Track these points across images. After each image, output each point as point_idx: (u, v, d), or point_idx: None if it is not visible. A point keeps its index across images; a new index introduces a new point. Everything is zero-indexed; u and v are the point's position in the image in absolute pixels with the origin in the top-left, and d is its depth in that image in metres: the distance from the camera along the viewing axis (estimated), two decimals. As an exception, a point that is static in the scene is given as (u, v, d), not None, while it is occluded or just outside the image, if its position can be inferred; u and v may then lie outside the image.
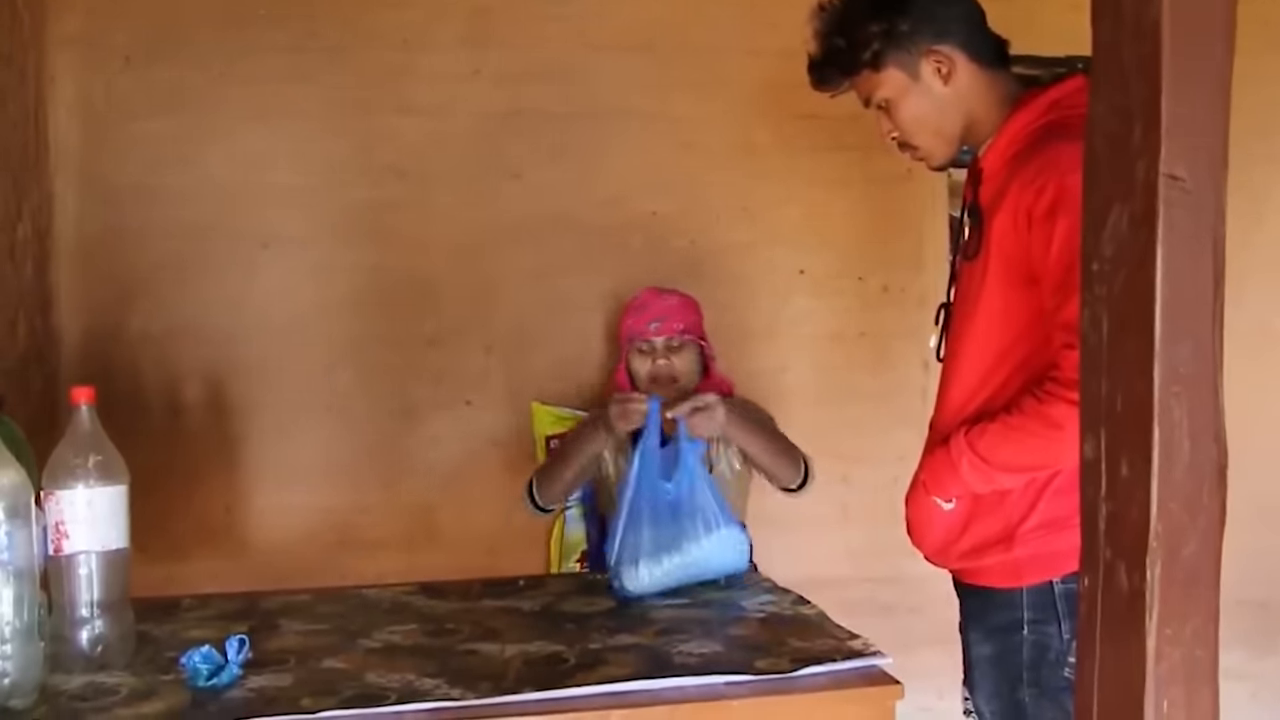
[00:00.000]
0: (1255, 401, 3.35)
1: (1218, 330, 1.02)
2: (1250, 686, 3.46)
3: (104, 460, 1.69)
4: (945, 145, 1.94)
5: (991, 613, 1.92)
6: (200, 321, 3.05)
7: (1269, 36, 3.29)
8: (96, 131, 3.00)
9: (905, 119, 1.93)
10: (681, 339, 2.63)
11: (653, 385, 2.60)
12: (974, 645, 1.98)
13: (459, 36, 3.13)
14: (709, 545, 2.05)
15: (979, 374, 1.89)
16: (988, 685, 1.95)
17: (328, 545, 3.08)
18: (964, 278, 1.93)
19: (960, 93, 1.90)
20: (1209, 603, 1.03)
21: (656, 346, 2.62)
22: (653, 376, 2.62)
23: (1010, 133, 1.87)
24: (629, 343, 2.67)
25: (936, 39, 1.89)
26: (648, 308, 2.67)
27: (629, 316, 2.70)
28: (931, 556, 2.00)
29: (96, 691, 1.59)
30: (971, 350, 1.90)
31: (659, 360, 2.61)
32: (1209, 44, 1.00)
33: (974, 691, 2.00)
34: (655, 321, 2.63)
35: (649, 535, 2.09)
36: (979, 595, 1.95)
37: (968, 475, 1.84)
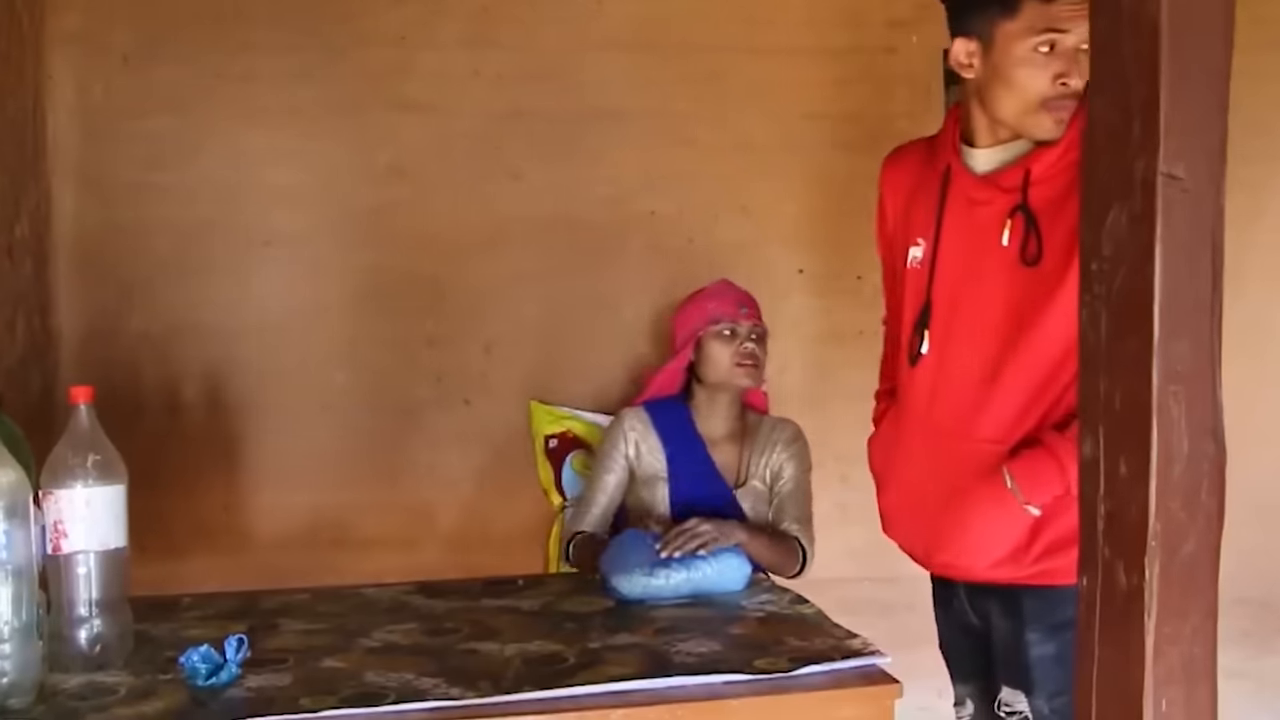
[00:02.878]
0: (1254, 400, 3.36)
1: (1216, 329, 1.02)
2: (1249, 685, 3.45)
3: (102, 459, 1.69)
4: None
5: (1054, 611, 1.85)
6: (199, 321, 3.05)
7: (1267, 34, 3.29)
8: (95, 130, 3.00)
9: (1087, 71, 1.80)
10: (762, 329, 2.58)
11: (736, 368, 2.52)
12: (1033, 646, 1.90)
13: (458, 36, 3.13)
14: (711, 568, 2.04)
15: (1040, 378, 1.83)
16: (1051, 684, 1.88)
17: (327, 544, 3.08)
18: (1006, 284, 1.85)
19: None
20: (1207, 601, 1.03)
21: (742, 331, 2.54)
22: (740, 359, 2.52)
23: (1072, 135, 1.79)
24: (709, 326, 2.54)
25: None
26: (730, 294, 2.60)
27: (708, 302, 2.59)
28: (987, 571, 1.91)
29: (95, 691, 1.59)
30: (1037, 356, 1.83)
31: (745, 344, 2.53)
32: (1208, 43, 1.00)
33: (1031, 692, 1.92)
34: (745, 307, 2.57)
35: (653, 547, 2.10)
36: (1039, 596, 1.88)
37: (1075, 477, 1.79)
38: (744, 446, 2.57)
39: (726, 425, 2.59)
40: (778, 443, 2.56)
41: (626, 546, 2.13)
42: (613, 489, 2.59)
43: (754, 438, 2.58)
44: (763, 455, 2.56)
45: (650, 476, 2.55)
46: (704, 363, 2.57)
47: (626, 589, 2.02)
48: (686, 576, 2.02)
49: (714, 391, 2.57)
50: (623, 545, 2.15)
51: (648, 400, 2.64)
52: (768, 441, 2.57)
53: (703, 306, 2.60)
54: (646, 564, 2.04)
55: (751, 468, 2.55)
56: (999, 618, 1.96)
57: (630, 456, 2.58)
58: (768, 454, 2.56)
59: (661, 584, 2.02)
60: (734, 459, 2.57)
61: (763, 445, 2.57)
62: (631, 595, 2.02)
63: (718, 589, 2.04)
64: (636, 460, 2.58)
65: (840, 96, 3.23)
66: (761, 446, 2.57)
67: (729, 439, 2.58)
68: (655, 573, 2.02)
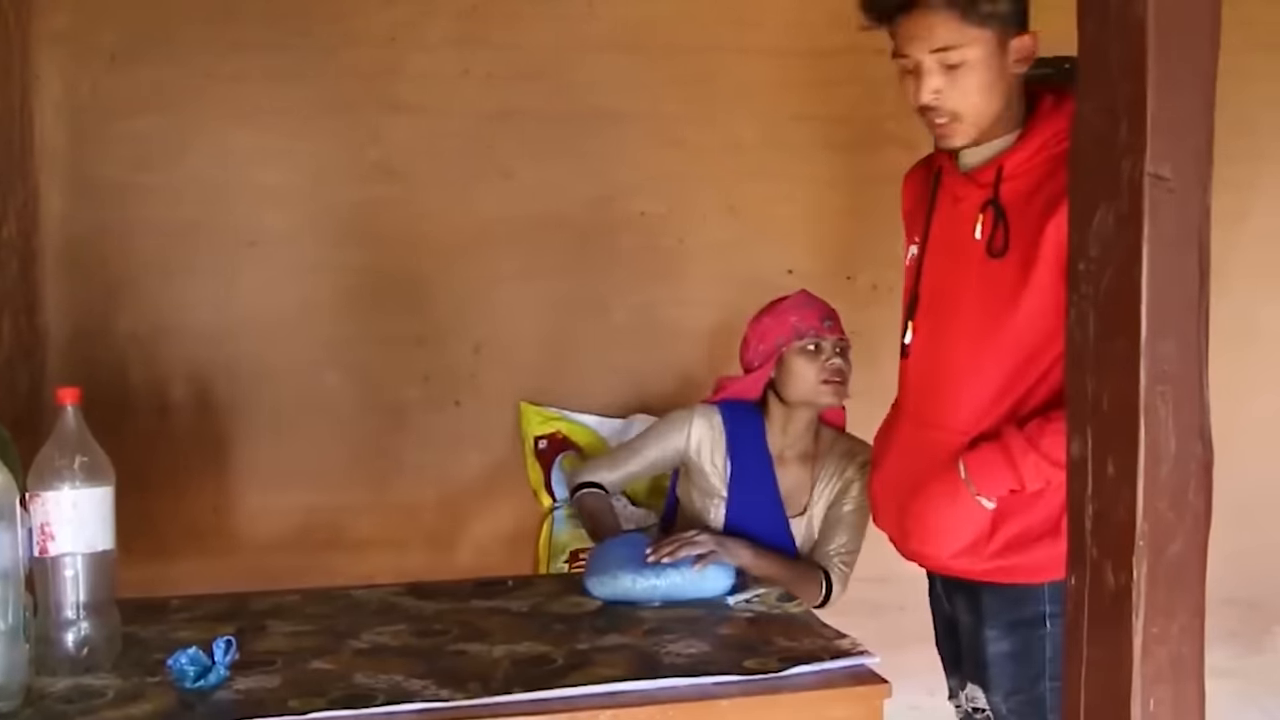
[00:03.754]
0: (1241, 399, 3.37)
1: (1203, 329, 1.03)
2: (1235, 684, 3.46)
3: (90, 461, 1.68)
4: (977, 127, 1.89)
5: (1012, 609, 1.91)
6: (187, 321, 3.04)
7: (1252, 35, 3.30)
8: (82, 129, 2.99)
9: (971, 89, 1.84)
10: (845, 343, 2.46)
11: (823, 385, 2.41)
12: (991, 643, 1.95)
13: (448, 36, 3.13)
14: (687, 575, 2.02)
15: (1008, 370, 1.87)
16: (1006, 682, 1.94)
17: (316, 545, 3.07)
18: (977, 275, 1.90)
19: (1017, 83, 1.90)
20: (1194, 601, 1.04)
21: (827, 347, 2.43)
22: (828, 376, 2.42)
23: (1044, 134, 1.86)
24: (793, 341, 2.42)
25: (1026, 26, 1.89)
26: (814, 306, 2.47)
27: (790, 314, 2.46)
28: (950, 561, 1.95)
29: (82, 694, 1.59)
30: (1003, 348, 1.87)
31: (831, 359, 2.42)
32: (1194, 44, 1.00)
33: (988, 689, 1.97)
34: (829, 320, 2.46)
35: (632, 548, 2.09)
36: (997, 593, 1.93)
37: (1027, 473, 1.83)
38: (814, 470, 2.49)
39: (800, 445, 2.49)
40: (848, 468, 2.47)
41: (613, 548, 2.13)
42: (650, 464, 2.53)
43: (825, 460, 2.49)
44: (831, 481, 2.47)
45: (710, 489, 2.48)
46: (786, 380, 2.45)
47: (598, 590, 2.02)
48: (656, 583, 2.00)
49: (793, 409, 2.47)
50: (610, 546, 2.14)
51: (724, 401, 2.53)
52: (838, 467, 2.48)
53: (784, 319, 2.46)
54: (624, 566, 2.03)
55: (815, 493, 2.47)
56: (963, 612, 2.01)
57: (689, 454, 2.50)
58: (836, 480, 2.47)
59: (629, 586, 2.00)
60: (799, 483, 2.48)
61: (832, 470, 2.48)
62: (602, 596, 2.01)
63: (695, 596, 2.01)
64: (698, 461, 2.49)
65: (829, 98, 3.23)
66: (831, 471, 2.48)
67: (799, 460, 2.49)
68: (626, 575, 2.00)
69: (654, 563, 2.03)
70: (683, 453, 2.50)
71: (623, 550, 2.10)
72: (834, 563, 2.41)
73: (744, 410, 2.51)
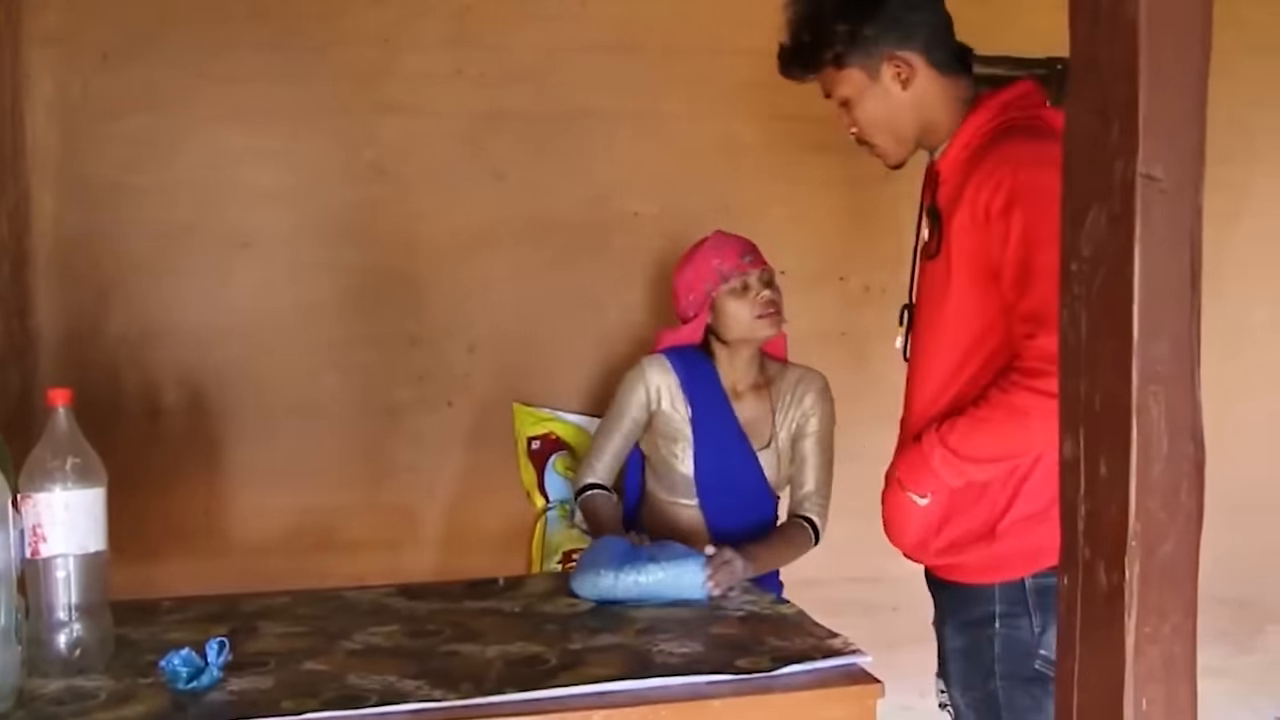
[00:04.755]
0: (1232, 399, 3.38)
1: (1195, 329, 1.03)
2: (1227, 683, 3.47)
3: (81, 462, 1.68)
4: (900, 146, 2.01)
5: (964, 608, 1.98)
6: (179, 322, 3.03)
7: (1244, 36, 3.31)
8: (74, 130, 2.98)
9: (863, 118, 2.00)
10: (771, 272, 2.52)
11: (759, 320, 2.48)
12: (948, 639, 2.03)
13: (441, 36, 3.13)
14: (663, 573, 2.02)
15: (946, 370, 1.95)
16: (961, 678, 2.01)
17: (308, 547, 3.07)
18: (926, 277, 2.01)
19: (918, 97, 1.97)
20: (1187, 600, 1.04)
21: (754, 281, 2.49)
22: (762, 309, 2.48)
23: (965, 136, 1.94)
24: (721, 284, 2.48)
25: (899, 44, 1.95)
26: (730, 245, 2.51)
27: (711, 258, 2.51)
28: (910, 552, 2.04)
29: (75, 695, 1.58)
30: (938, 347, 1.96)
31: (762, 292, 2.48)
32: (1186, 44, 1.00)
33: (949, 684, 2.05)
34: (748, 255, 2.50)
35: (618, 548, 2.10)
36: (952, 591, 2.00)
37: (940, 469, 1.89)
38: (771, 401, 2.56)
39: (749, 378, 2.57)
40: (804, 396, 2.56)
41: (597, 549, 2.14)
42: (627, 434, 2.57)
43: (778, 389, 2.57)
44: (788, 411, 2.56)
45: (674, 433, 2.54)
46: (722, 322, 2.51)
47: (581, 589, 2.04)
48: (638, 579, 2.01)
49: (736, 348, 2.54)
50: (594, 548, 2.16)
51: (669, 349, 2.58)
52: (794, 396, 2.56)
53: (707, 265, 2.51)
54: (605, 566, 2.04)
55: (777, 423, 2.55)
56: (935, 607, 2.10)
57: (652, 406, 2.55)
58: (794, 409, 2.56)
59: (611, 585, 2.01)
60: (759, 414, 2.55)
61: (788, 400, 2.56)
62: (585, 595, 2.03)
63: (672, 595, 2.01)
64: (658, 411, 2.55)
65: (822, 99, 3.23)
66: (787, 400, 2.56)
67: (753, 392, 2.57)
68: (608, 574, 2.02)
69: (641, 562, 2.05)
70: (646, 405, 2.55)
71: (605, 551, 2.11)
72: (812, 508, 2.53)
73: (690, 354, 2.57)
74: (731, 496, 2.56)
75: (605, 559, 2.06)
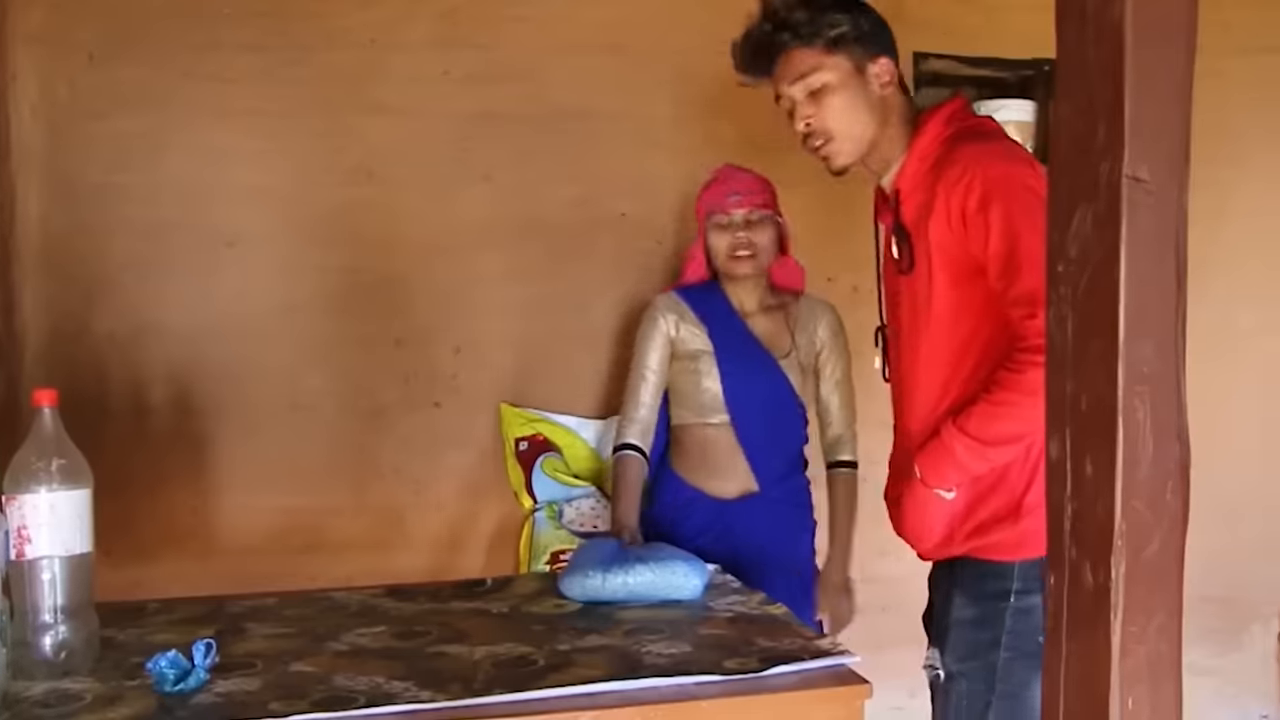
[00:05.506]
0: (1218, 400, 3.40)
1: (1180, 330, 1.03)
2: (1214, 682, 3.49)
3: (67, 463, 1.67)
4: (856, 147, 2.06)
5: (981, 582, 2.03)
6: (165, 322, 3.02)
7: (1228, 38, 3.33)
8: (60, 130, 2.97)
9: (836, 108, 2.03)
10: (760, 213, 2.64)
11: (731, 260, 2.63)
12: (956, 609, 2.06)
13: (427, 37, 3.12)
14: (652, 574, 2.02)
15: (944, 373, 2.01)
16: (962, 647, 2.05)
17: (296, 548, 3.06)
18: (904, 293, 2.07)
19: (888, 103, 2.06)
20: (1172, 600, 1.04)
21: (735, 220, 2.62)
22: (732, 249, 2.63)
23: (919, 151, 2.01)
24: (708, 218, 2.68)
25: (886, 50, 2.06)
26: (726, 181, 2.67)
27: (707, 191, 2.71)
28: (933, 551, 2.09)
29: (60, 698, 1.58)
30: (932, 357, 2.02)
31: (738, 233, 2.62)
32: (1170, 46, 1.01)
33: (946, 652, 2.08)
34: (735, 194, 2.63)
35: (607, 549, 2.10)
36: (973, 566, 2.04)
37: (965, 458, 1.95)
38: (787, 320, 2.69)
39: (757, 301, 2.69)
40: (818, 324, 2.69)
41: (586, 550, 2.15)
42: (658, 372, 2.68)
43: (794, 313, 2.70)
44: (804, 332, 2.68)
45: (695, 352, 2.64)
46: (710, 252, 2.69)
47: (570, 590, 2.04)
48: (626, 580, 2.01)
49: (730, 278, 2.68)
50: (584, 549, 2.17)
51: (676, 287, 2.75)
52: (809, 319, 2.69)
53: (702, 196, 2.71)
54: (594, 566, 2.04)
55: (797, 339, 2.66)
56: (940, 585, 2.14)
57: (671, 336, 2.66)
58: (809, 332, 2.68)
59: (599, 586, 2.01)
60: (776, 329, 2.67)
61: (804, 322, 2.69)
62: (574, 596, 2.03)
63: (663, 596, 2.02)
64: (677, 337, 2.66)
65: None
66: (804, 323, 2.68)
67: (765, 313, 2.68)
68: (596, 575, 2.02)
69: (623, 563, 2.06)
70: (666, 337, 2.67)
71: (594, 552, 2.11)
72: (845, 449, 2.72)
73: (699, 286, 2.73)
74: (759, 407, 2.66)
75: (594, 560, 2.06)
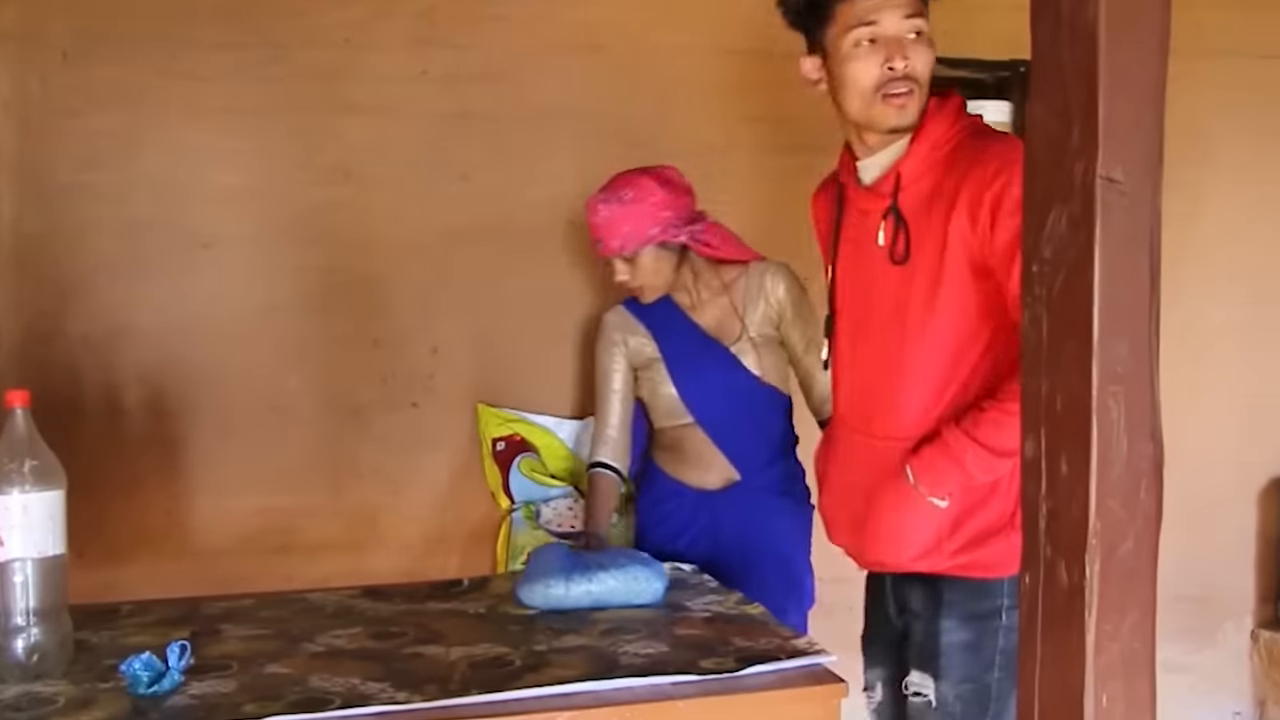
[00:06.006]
0: (1192, 399, 3.42)
1: (1154, 330, 1.04)
2: (1187, 679, 3.51)
3: (40, 465, 1.66)
4: (922, 105, 1.94)
5: (970, 601, 1.95)
6: (140, 323, 3.00)
7: (1201, 40, 3.35)
8: (33, 128, 2.95)
9: (928, 61, 1.92)
10: (616, 260, 2.59)
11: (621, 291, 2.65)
12: (946, 633, 1.97)
13: (404, 36, 3.11)
14: (615, 581, 2.02)
15: (941, 371, 1.91)
16: (958, 671, 1.96)
17: (272, 549, 3.05)
18: (889, 284, 1.95)
19: None
20: (1146, 598, 1.05)
21: (612, 261, 2.61)
22: (621, 290, 2.65)
23: (933, 137, 1.93)
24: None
25: None
26: (590, 226, 2.63)
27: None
28: (909, 562, 1.97)
29: (33, 701, 1.57)
30: (926, 352, 1.92)
31: (619, 276, 2.61)
32: (1144, 48, 1.01)
33: (939, 678, 1.98)
34: (596, 242, 2.61)
35: (563, 555, 2.10)
36: (959, 586, 1.95)
37: (972, 467, 1.86)
38: (732, 299, 2.63)
39: (701, 291, 2.65)
40: (774, 289, 2.63)
41: (543, 557, 2.12)
42: (621, 390, 2.69)
43: (740, 289, 2.64)
44: (757, 305, 2.62)
45: (648, 361, 2.64)
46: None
47: (530, 598, 2.02)
48: (588, 589, 2.00)
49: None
50: (537, 557, 2.14)
51: (625, 299, 2.74)
52: (759, 292, 2.63)
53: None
54: (554, 574, 2.02)
55: (747, 320, 2.60)
56: (919, 604, 2.02)
57: (625, 351, 2.67)
58: (763, 302, 2.62)
59: (561, 594, 2.00)
60: (724, 314, 2.62)
61: (755, 293, 2.62)
62: (534, 605, 2.01)
63: (625, 602, 2.01)
64: (630, 352, 2.66)
65: (785, 100, 3.23)
66: (754, 294, 2.62)
67: (712, 299, 2.64)
68: (558, 583, 2.00)
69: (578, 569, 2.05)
70: (623, 352, 2.68)
71: (552, 559, 2.09)
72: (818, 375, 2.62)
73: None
74: (720, 401, 2.62)
75: (553, 568, 2.04)
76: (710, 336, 2.62)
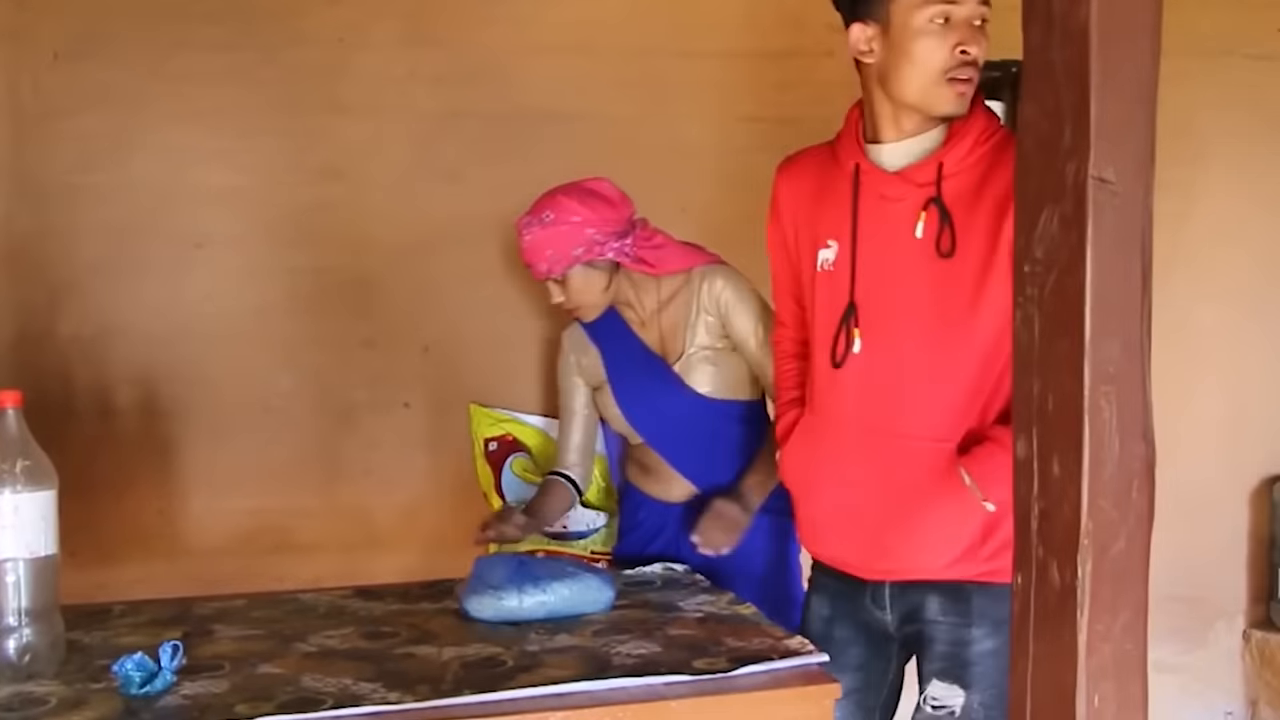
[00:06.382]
0: (1184, 399, 3.43)
1: (1146, 330, 1.04)
2: (1179, 679, 3.52)
3: (32, 465, 1.66)
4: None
5: (997, 606, 1.85)
6: (132, 323, 3.00)
7: (1191, 40, 3.35)
8: (24, 129, 2.94)
9: (985, 49, 1.87)
10: (550, 282, 2.54)
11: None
12: (977, 642, 1.90)
13: (395, 36, 3.11)
14: (567, 590, 2.00)
15: (974, 371, 1.86)
16: (988, 680, 1.89)
17: (264, 549, 3.04)
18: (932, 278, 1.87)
19: None
20: (1138, 598, 1.05)
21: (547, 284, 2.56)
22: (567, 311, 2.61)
23: (978, 128, 1.88)
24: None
25: None
26: (519, 249, 2.56)
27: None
28: (943, 569, 1.91)
29: (24, 702, 1.56)
30: (968, 348, 1.85)
31: (554, 298, 2.56)
32: (1136, 48, 1.02)
33: (970, 688, 1.91)
34: (527, 266, 2.55)
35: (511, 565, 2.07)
36: (988, 593, 1.89)
37: None
38: (674, 315, 2.53)
39: (647, 306, 2.57)
40: (714, 296, 2.50)
41: (483, 568, 2.08)
42: (582, 410, 2.67)
43: (681, 301, 2.53)
44: (699, 320, 2.51)
45: (600, 382, 2.60)
46: None
47: (479, 611, 1.98)
48: (542, 600, 1.98)
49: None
50: (480, 567, 2.10)
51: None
52: (698, 303, 2.51)
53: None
54: (506, 586, 1.99)
55: (688, 335, 2.51)
56: (938, 612, 1.94)
57: (580, 369, 2.64)
58: (705, 311, 2.51)
59: (515, 605, 1.97)
60: (668, 330, 2.55)
61: (695, 308, 2.51)
62: (481, 616, 1.97)
63: (576, 611, 1.99)
64: (584, 371, 2.63)
65: (779, 100, 3.25)
66: (695, 309, 2.51)
67: (660, 313, 2.56)
68: (511, 595, 1.98)
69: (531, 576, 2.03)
70: (579, 372, 2.65)
71: (498, 569, 2.06)
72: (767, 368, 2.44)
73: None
74: (668, 420, 2.53)
75: (502, 579, 2.01)
76: (654, 354, 2.54)
